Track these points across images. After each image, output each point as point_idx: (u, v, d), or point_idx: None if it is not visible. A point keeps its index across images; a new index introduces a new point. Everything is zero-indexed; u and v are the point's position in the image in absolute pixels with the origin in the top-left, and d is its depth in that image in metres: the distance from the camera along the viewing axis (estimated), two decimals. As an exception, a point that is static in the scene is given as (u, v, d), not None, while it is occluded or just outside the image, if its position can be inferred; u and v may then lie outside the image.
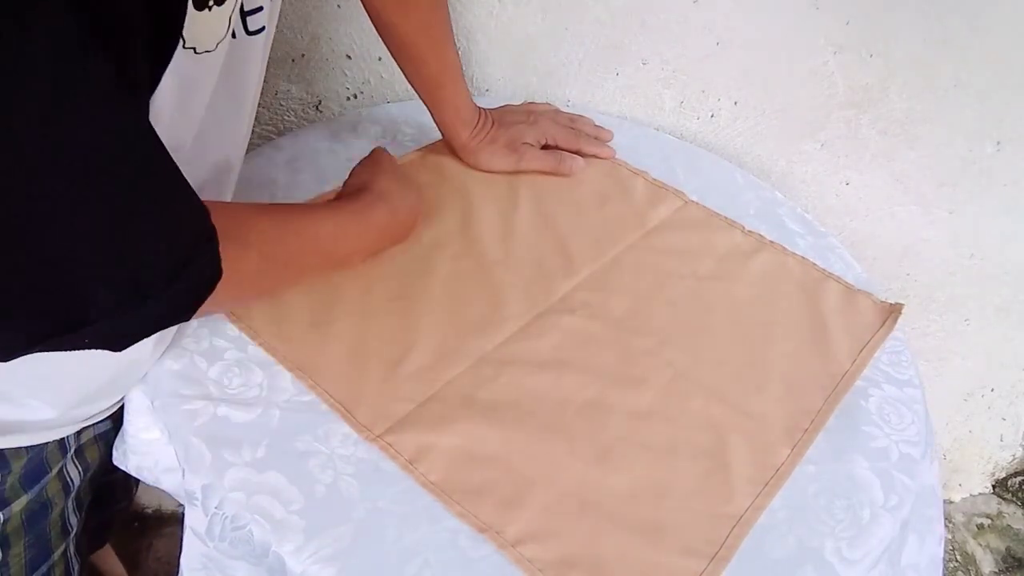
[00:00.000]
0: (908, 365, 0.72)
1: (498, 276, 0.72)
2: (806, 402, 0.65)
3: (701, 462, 0.60)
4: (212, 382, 0.61)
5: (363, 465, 0.57)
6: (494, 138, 0.84)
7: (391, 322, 0.66)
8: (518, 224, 0.78)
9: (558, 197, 0.82)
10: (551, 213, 0.80)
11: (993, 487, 1.64)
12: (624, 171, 0.88)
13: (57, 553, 0.68)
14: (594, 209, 0.82)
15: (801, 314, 0.74)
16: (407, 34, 0.76)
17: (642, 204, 0.83)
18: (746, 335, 0.71)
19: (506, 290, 0.71)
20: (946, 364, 1.33)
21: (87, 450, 0.68)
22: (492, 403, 0.61)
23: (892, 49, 0.95)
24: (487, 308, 0.69)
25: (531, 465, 0.58)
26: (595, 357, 0.66)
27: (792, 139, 1.05)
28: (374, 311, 0.67)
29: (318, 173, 0.81)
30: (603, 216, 0.81)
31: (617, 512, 0.56)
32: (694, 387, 0.65)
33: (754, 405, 0.64)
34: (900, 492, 0.61)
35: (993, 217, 1.12)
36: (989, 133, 1.03)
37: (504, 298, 0.70)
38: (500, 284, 0.71)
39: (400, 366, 0.63)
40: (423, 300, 0.69)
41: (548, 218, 0.79)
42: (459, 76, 0.80)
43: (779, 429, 0.63)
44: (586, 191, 0.84)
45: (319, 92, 0.98)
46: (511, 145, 0.84)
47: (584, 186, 0.85)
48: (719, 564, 0.54)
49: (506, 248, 0.75)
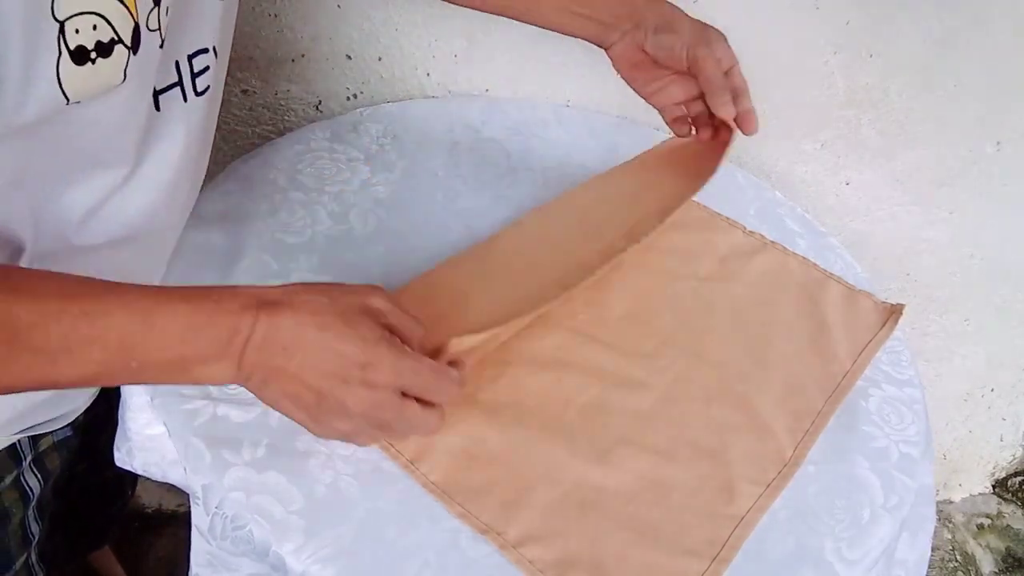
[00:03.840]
0: (908, 365, 0.72)
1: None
2: (807, 403, 0.65)
3: (702, 462, 0.60)
4: (212, 382, 0.61)
5: (363, 465, 0.57)
6: (680, 17, 0.68)
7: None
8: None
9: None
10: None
11: (993, 487, 1.64)
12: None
13: (19, 563, 0.67)
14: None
15: (802, 314, 0.73)
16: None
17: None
18: (747, 336, 0.71)
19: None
20: (946, 364, 1.34)
21: (47, 458, 0.67)
22: (493, 403, 0.61)
23: (892, 49, 0.95)
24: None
25: (532, 465, 0.58)
26: (596, 357, 0.66)
27: (792, 139, 1.05)
28: None
29: (318, 173, 0.81)
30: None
31: (618, 513, 0.56)
32: (695, 387, 0.65)
33: (755, 406, 0.64)
34: (900, 492, 0.61)
35: (993, 217, 1.12)
36: (989, 133, 1.03)
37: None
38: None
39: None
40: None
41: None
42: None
43: (780, 430, 0.63)
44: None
45: (319, 92, 0.98)
46: (695, 33, 0.67)
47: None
48: (720, 565, 0.54)
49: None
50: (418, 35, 0.93)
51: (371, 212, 0.78)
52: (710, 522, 0.56)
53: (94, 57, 0.41)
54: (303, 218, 0.76)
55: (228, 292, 0.45)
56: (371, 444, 0.55)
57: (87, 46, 0.41)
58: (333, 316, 0.45)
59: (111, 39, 0.42)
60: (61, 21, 0.39)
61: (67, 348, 0.41)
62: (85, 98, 0.43)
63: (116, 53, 0.42)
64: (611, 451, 0.59)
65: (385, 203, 0.79)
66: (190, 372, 0.44)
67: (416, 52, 0.95)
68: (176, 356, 0.43)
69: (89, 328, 0.41)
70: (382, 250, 0.74)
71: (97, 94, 0.43)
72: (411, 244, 0.75)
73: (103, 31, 0.41)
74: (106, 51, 0.42)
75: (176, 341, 0.43)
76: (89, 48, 0.41)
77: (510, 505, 0.55)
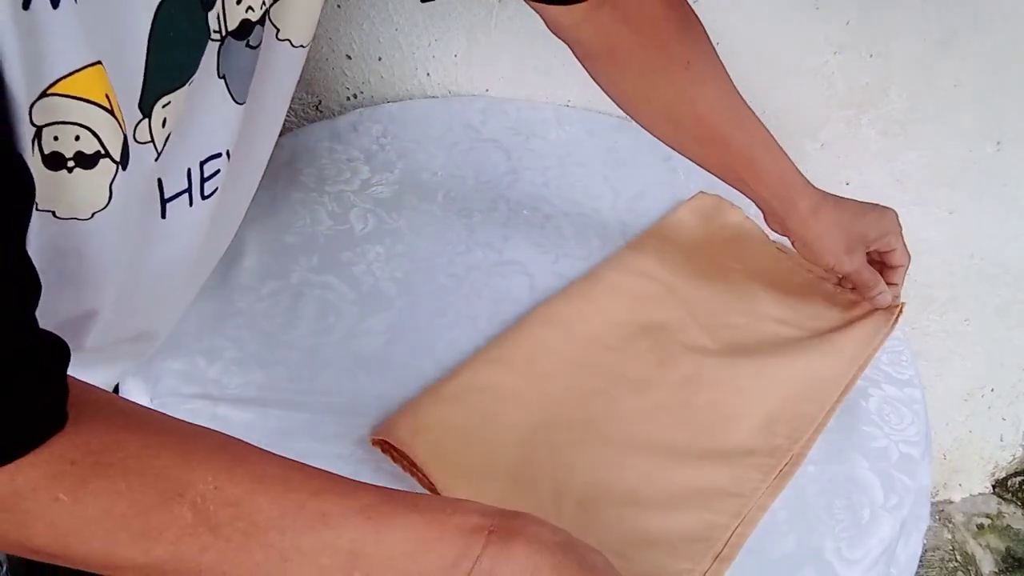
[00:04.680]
0: (908, 365, 0.72)
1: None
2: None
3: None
4: (212, 381, 0.61)
5: (362, 466, 0.57)
6: (838, 220, 0.67)
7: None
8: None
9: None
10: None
11: (993, 487, 1.64)
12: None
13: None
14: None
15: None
16: (702, 117, 0.64)
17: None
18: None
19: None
20: (946, 364, 1.33)
21: None
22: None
23: (892, 49, 0.95)
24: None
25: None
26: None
27: (792, 139, 1.04)
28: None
29: (318, 173, 0.81)
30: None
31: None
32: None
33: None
34: (900, 492, 0.61)
35: (993, 217, 1.12)
36: (989, 133, 1.03)
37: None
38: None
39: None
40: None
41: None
42: (773, 141, 0.67)
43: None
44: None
45: (319, 92, 0.98)
46: (850, 238, 0.68)
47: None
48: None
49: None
50: (418, 35, 0.93)
51: (371, 212, 0.78)
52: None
53: (72, 166, 0.36)
54: (303, 218, 0.76)
55: (458, 506, 0.41)
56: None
57: (65, 154, 0.36)
58: (568, 558, 0.41)
59: (96, 152, 0.37)
60: (39, 126, 0.34)
61: (298, 548, 0.37)
62: (62, 209, 0.38)
63: (101, 167, 0.37)
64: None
65: (385, 203, 0.79)
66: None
67: (416, 52, 0.95)
68: (399, 572, 0.39)
69: (325, 529, 0.37)
70: (382, 250, 0.74)
71: (76, 208, 0.39)
72: (411, 244, 0.75)
73: (87, 142, 0.36)
74: (88, 163, 0.37)
75: (402, 555, 0.38)
76: (67, 156, 0.36)
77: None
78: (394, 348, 0.66)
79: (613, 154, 0.91)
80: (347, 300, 0.69)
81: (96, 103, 0.35)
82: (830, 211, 0.67)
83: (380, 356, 0.65)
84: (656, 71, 0.63)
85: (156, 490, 0.35)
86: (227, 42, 0.44)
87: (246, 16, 0.44)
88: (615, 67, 0.64)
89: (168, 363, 0.61)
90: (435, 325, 0.68)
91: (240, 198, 0.58)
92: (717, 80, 0.64)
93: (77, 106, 0.35)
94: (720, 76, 0.65)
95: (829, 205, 0.67)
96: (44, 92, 0.33)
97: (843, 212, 0.68)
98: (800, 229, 0.67)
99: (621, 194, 0.86)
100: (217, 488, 0.36)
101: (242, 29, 0.44)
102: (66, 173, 0.36)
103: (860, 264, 0.69)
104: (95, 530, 0.34)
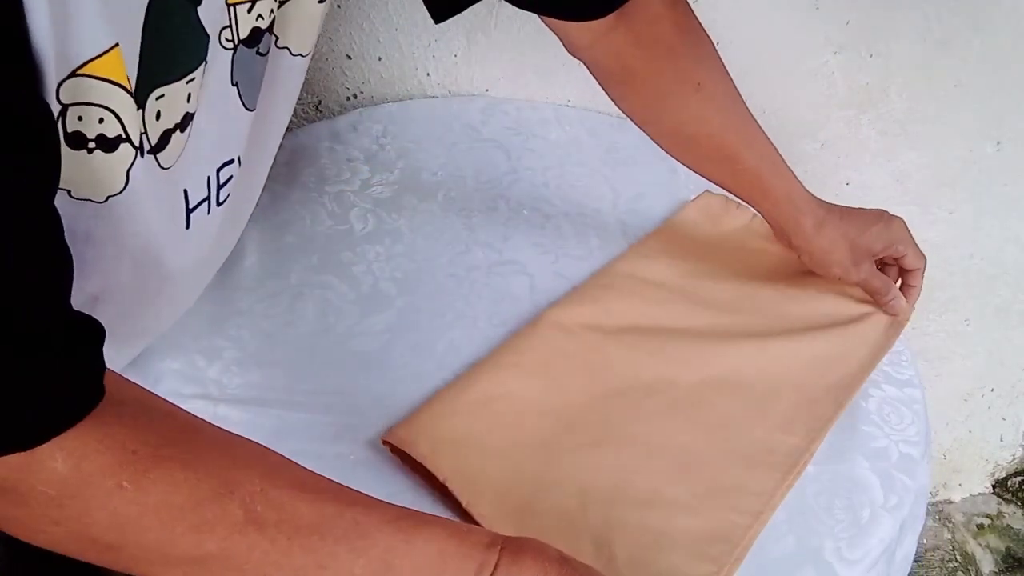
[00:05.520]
0: (908, 365, 0.72)
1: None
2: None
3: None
4: (212, 381, 0.61)
5: (363, 465, 0.57)
6: (844, 233, 0.69)
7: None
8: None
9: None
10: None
11: (993, 487, 1.64)
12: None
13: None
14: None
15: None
16: (712, 136, 0.66)
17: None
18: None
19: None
20: (946, 364, 1.33)
21: None
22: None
23: (892, 49, 0.95)
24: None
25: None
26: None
27: (792, 139, 1.04)
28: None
29: (318, 173, 0.81)
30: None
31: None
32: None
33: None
34: (900, 492, 0.61)
35: (993, 217, 1.12)
36: (989, 133, 1.03)
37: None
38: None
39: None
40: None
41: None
42: (780, 160, 0.68)
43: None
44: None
45: (319, 92, 0.98)
46: (856, 250, 0.69)
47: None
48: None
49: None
50: (418, 35, 0.93)
51: (371, 212, 0.78)
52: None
53: (92, 147, 0.37)
54: (303, 218, 0.76)
55: (470, 524, 0.44)
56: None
57: (87, 135, 0.36)
58: (571, 568, 0.43)
59: (118, 136, 0.37)
60: (65, 104, 0.34)
61: (335, 555, 0.38)
62: (78, 189, 0.39)
63: (121, 151, 0.38)
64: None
65: (385, 203, 0.79)
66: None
67: (416, 52, 0.95)
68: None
69: (360, 539, 0.39)
70: (382, 250, 0.74)
71: (92, 190, 0.39)
72: (411, 244, 0.75)
73: (110, 125, 0.37)
74: (110, 146, 0.38)
75: (428, 566, 0.40)
76: (89, 138, 0.36)
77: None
78: (394, 348, 0.66)
79: (613, 154, 0.91)
80: (347, 300, 0.69)
81: (121, 85, 0.36)
82: (835, 225, 0.69)
83: (380, 356, 0.65)
84: (668, 94, 0.65)
85: (209, 485, 0.36)
86: (239, 50, 0.44)
87: (256, 24, 0.44)
88: (630, 89, 0.66)
89: (168, 363, 0.61)
90: (435, 325, 0.68)
91: (246, 203, 0.59)
92: (727, 100, 0.66)
93: (104, 88, 0.35)
94: (730, 95, 0.66)
95: (835, 219, 0.69)
96: (74, 72, 0.33)
97: (848, 225, 0.69)
98: (806, 244, 0.69)
99: (621, 194, 0.86)
100: (263, 490, 0.37)
101: (253, 37, 0.45)
102: (86, 154, 0.37)
103: (868, 273, 0.71)
104: (152, 520, 0.35)
